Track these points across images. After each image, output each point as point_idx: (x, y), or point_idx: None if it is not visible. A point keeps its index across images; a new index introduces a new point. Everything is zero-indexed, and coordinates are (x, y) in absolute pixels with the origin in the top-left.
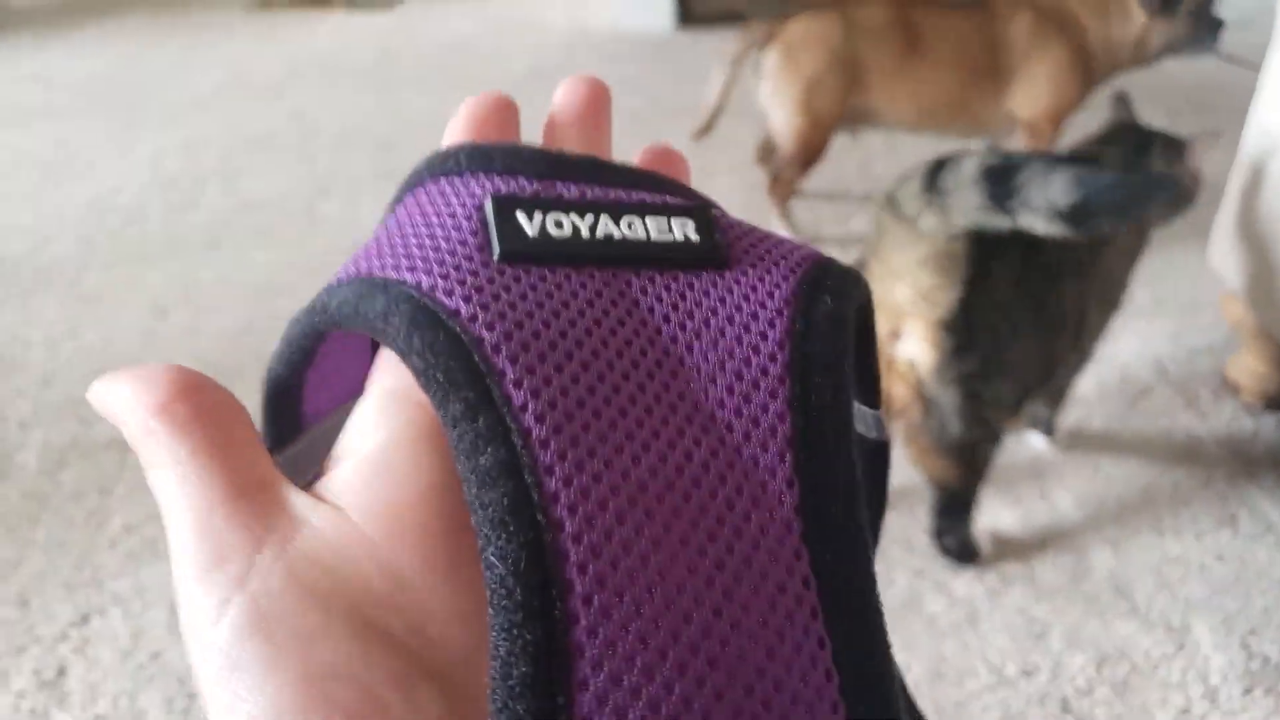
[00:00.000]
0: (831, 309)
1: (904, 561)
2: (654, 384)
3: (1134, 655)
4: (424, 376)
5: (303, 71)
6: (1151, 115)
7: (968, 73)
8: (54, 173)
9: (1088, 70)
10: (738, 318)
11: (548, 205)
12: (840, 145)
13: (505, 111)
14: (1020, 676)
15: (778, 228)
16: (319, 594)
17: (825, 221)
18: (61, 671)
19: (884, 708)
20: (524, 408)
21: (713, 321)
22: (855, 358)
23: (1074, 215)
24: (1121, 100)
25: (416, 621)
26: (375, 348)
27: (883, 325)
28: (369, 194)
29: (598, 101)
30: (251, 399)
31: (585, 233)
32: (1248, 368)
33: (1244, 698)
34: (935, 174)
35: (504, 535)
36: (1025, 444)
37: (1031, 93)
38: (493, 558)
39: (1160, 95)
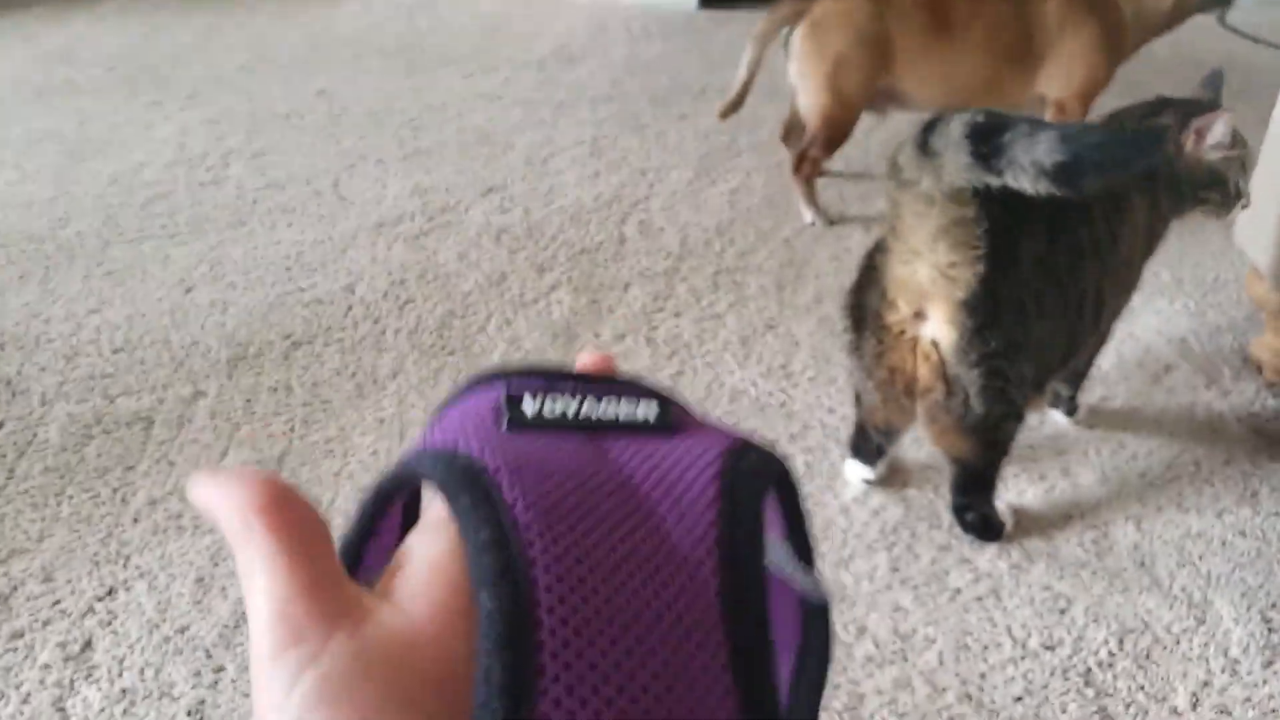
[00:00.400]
0: (753, 462)
1: (929, 537)
2: (614, 498)
3: (1156, 629)
4: (444, 485)
5: (329, 49)
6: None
7: (999, 53)
8: (77, 149)
9: (1119, 46)
10: (682, 462)
11: (546, 393)
12: (866, 125)
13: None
14: (1043, 649)
15: (801, 208)
16: (380, 676)
17: (850, 201)
18: (88, 645)
19: None
20: (513, 504)
21: (662, 464)
22: (788, 526)
23: (1061, 173)
24: (1215, 77)
25: (464, 703)
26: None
27: (906, 307)
28: (395, 173)
29: (606, 366)
30: (276, 374)
31: (571, 413)
32: (1270, 346)
33: (1264, 670)
34: (927, 135)
35: (494, 586)
36: (1048, 422)
37: (1063, 73)
38: (485, 599)
39: (1183, 72)
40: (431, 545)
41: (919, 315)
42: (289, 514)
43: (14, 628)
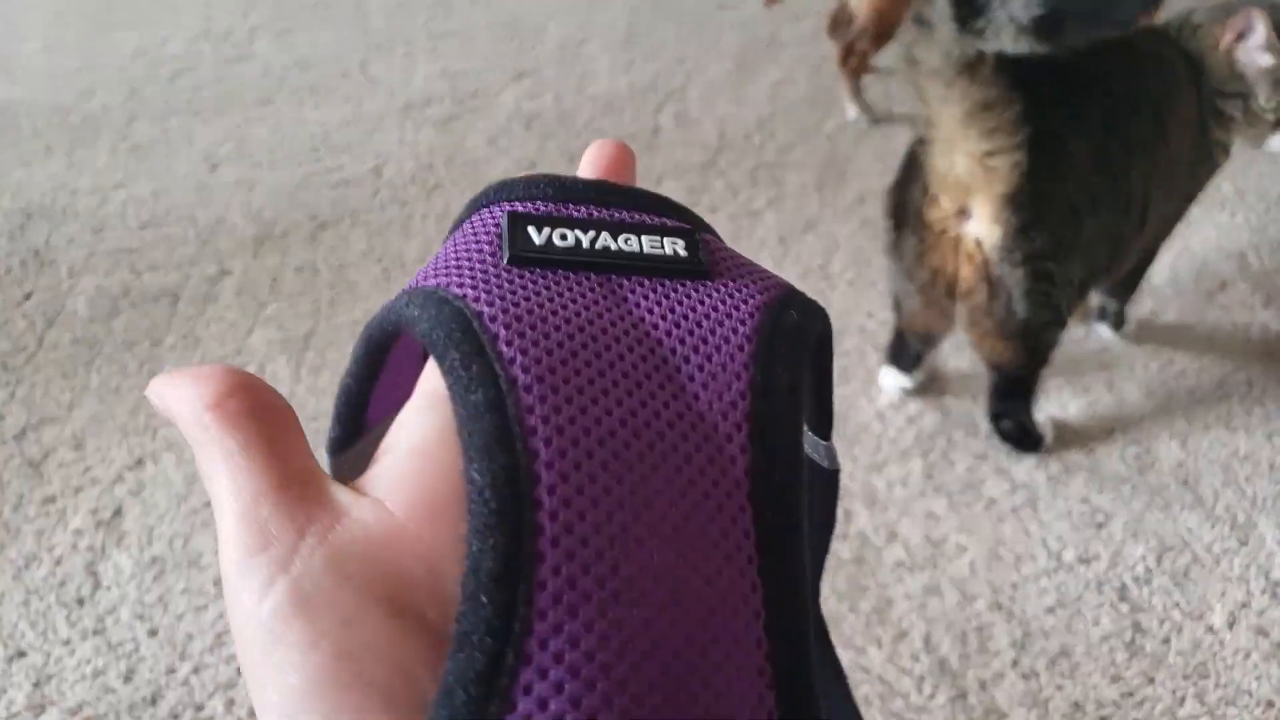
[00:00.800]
0: (796, 321)
1: (965, 445)
2: (631, 355)
3: (1195, 547)
4: (430, 339)
5: None
6: None
7: None
8: (100, 20)
9: None
10: (712, 315)
11: (555, 222)
12: None
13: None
14: (1078, 563)
15: (845, 104)
16: (357, 579)
17: (897, 99)
18: (118, 513)
19: (801, 649)
20: (511, 361)
21: (690, 316)
22: (813, 389)
23: (1039, 27)
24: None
25: (449, 607)
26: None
27: (949, 203)
28: (423, 55)
29: (621, 163)
30: (302, 255)
31: (585, 244)
32: None
33: None
34: (922, 8)
35: (486, 458)
36: (1094, 335)
37: None
38: (474, 474)
39: None
40: (420, 425)
41: (962, 212)
42: (250, 408)
43: (46, 493)
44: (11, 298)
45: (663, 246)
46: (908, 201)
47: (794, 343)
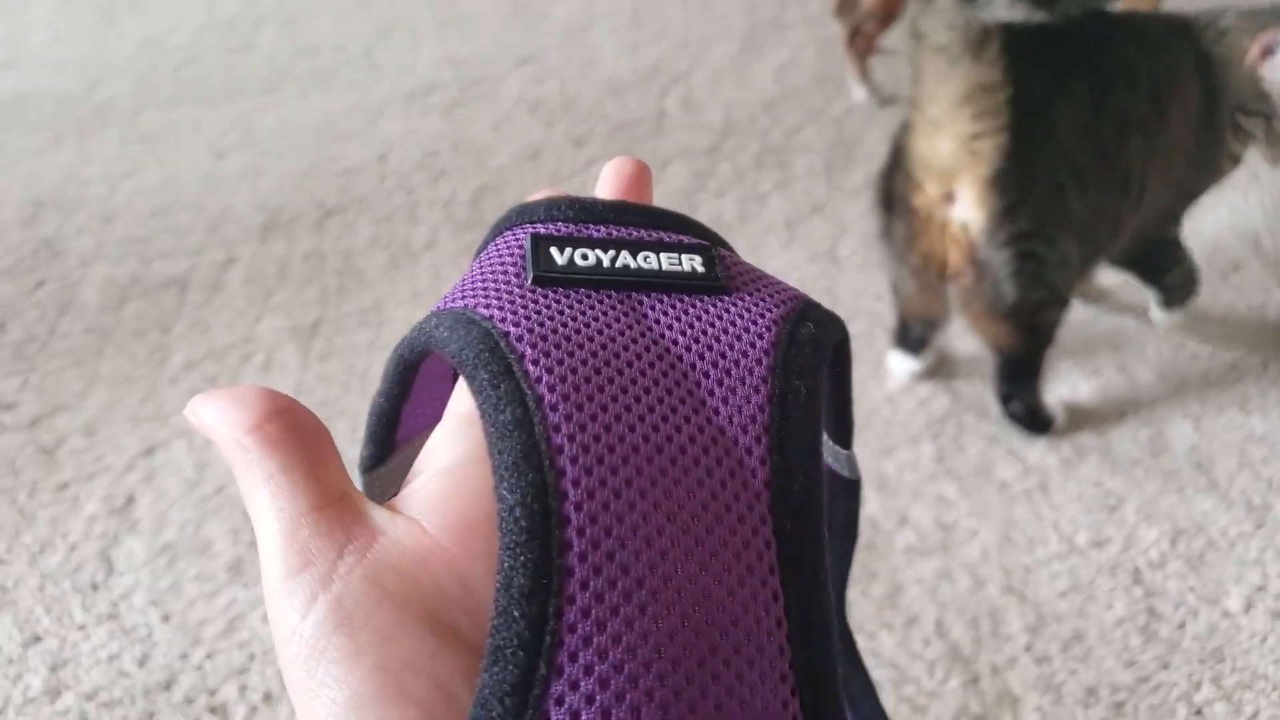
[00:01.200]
0: (813, 333)
1: (976, 428)
2: (652, 371)
3: (1210, 531)
4: (460, 359)
5: None
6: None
7: None
8: (107, 9)
9: None
10: (731, 330)
11: (577, 242)
12: None
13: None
14: (1091, 546)
15: (853, 85)
16: (396, 596)
17: (905, 81)
18: (130, 500)
19: (823, 657)
20: (538, 380)
21: (709, 331)
22: (832, 399)
23: None
24: None
25: (484, 622)
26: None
27: (933, 188)
28: (429, 40)
29: (639, 180)
30: (309, 243)
31: (606, 263)
32: None
33: None
34: None
35: (515, 475)
36: (1107, 316)
37: None
38: (504, 492)
39: None
40: (452, 448)
41: (948, 197)
42: (289, 431)
43: (60, 480)
44: (24, 287)
45: (681, 263)
46: (893, 188)
47: (811, 354)
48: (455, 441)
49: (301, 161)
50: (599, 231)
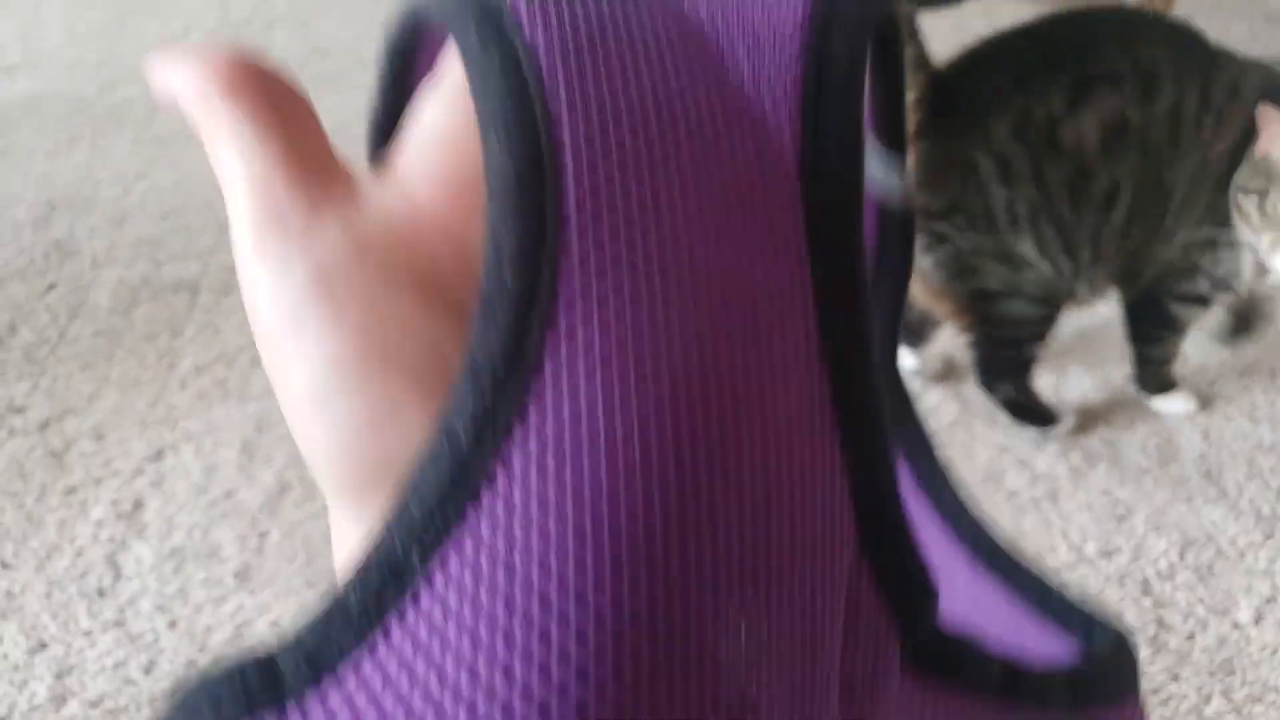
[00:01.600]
0: (854, 3)
1: (985, 436)
2: (667, 34)
3: (1220, 541)
4: (446, 18)
5: None
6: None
7: None
8: (121, 11)
9: None
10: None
11: None
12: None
13: None
14: (1100, 556)
15: None
16: (383, 259)
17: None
18: (138, 504)
19: (859, 345)
20: (535, 49)
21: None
22: (879, 91)
23: None
24: None
25: (477, 285)
26: None
27: None
28: None
29: None
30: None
31: None
32: None
33: None
34: None
35: (508, 128)
36: (1110, 323)
37: None
38: (492, 140)
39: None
40: (442, 114)
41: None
42: (258, 83)
43: (68, 483)
44: (35, 289)
45: None
46: None
47: (852, 26)
48: (447, 108)
49: None
50: None
